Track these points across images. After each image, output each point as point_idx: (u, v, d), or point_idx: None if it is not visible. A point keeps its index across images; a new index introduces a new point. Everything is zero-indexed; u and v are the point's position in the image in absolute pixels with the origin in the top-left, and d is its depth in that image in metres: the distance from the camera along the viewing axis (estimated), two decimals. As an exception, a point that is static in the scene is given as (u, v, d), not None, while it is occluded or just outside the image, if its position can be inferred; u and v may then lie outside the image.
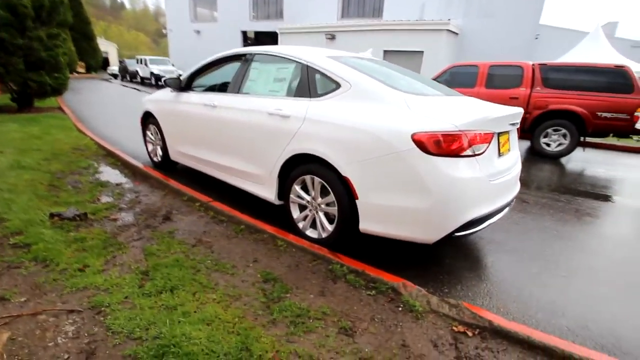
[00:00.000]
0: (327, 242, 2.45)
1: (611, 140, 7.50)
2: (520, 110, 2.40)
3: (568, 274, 2.43)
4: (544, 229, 3.19)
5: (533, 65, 6.32)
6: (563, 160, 6.28)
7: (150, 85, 19.46)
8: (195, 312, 1.71)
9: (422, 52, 12.89)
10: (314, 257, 2.28)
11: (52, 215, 2.60)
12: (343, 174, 2.21)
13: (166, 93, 3.95)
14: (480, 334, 1.70)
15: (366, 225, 2.22)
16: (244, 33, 21.07)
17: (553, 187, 4.51)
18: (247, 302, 1.83)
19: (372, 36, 13.91)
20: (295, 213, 2.65)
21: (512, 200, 2.44)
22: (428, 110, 2.10)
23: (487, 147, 2.06)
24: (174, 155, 3.95)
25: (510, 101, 6.28)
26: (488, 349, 1.62)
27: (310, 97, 2.48)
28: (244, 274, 2.09)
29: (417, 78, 2.85)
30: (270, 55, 2.90)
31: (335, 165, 2.23)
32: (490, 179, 2.11)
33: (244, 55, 3.16)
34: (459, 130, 1.93)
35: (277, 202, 2.78)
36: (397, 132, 2.00)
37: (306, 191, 2.55)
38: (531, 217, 3.42)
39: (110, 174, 3.93)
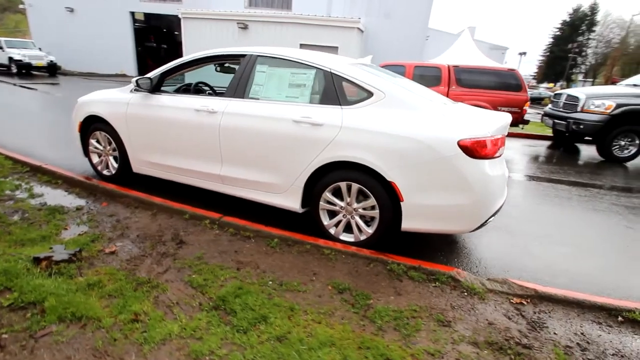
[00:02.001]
0: (366, 244, 2.56)
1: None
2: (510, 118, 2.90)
3: (539, 243, 3.09)
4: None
5: (449, 66, 7.39)
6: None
7: (8, 74, 15.43)
8: (308, 337, 1.65)
9: (337, 47, 13.50)
10: (368, 260, 2.37)
11: (37, 260, 2.03)
12: (388, 179, 2.34)
13: (123, 94, 3.37)
14: (531, 301, 2.10)
15: (409, 224, 2.42)
16: (133, 14, 18.41)
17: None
18: (343, 316, 1.84)
19: (287, 28, 13.89)
20: (326, 220, 2.67)
21: None
22: (458, 118, 2.39)
23: (503, 148, 2.48)
24: (139, 167, 3.41)
25: (434, 97, 7.23)
26: (542, 312, 2.03)
27: (341, 105, 2.51)
28: (315, 289, 2.07)
29: (416, 85, 3.13)
30: (281, 59, 2.78)
31: (380, 172, 2.35)
32: (505, 174, 2.55)
33: (241, 56, 2.94)
34: (491, 136, 2.27)
35: (300, 210, 2.74)
36: (444, 139, 2.23)
37: (338, 197, 2.59)
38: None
39: (56, 196, 3.17)
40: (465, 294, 2.13)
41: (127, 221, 2.79)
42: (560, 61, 49.24)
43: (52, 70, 16.44)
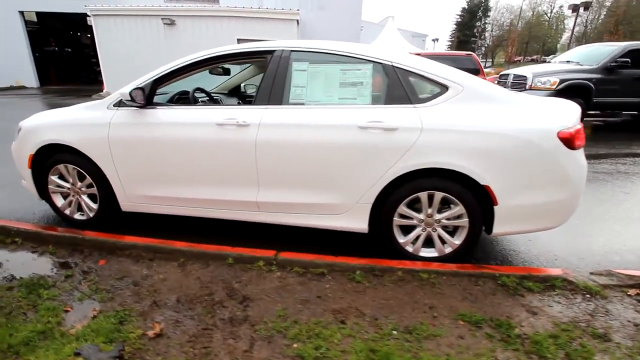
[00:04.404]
0: (452, 258, 2.28)
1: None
2: None
3: (573, 221, 3.13)
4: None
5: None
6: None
7: None
8: (506, 402, 1.30)
9: (278, 41, 12.86)
10: (472, 277, 2.09)
11: (69, 380, 1.33)
12: (482, 182, 2.07)
13: (97, 112, 2.56)
14: (646, 290, 2.04)
15: (502, 228, 2.19)
16: (23, 14, 15.31)
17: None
18: (509, 359, 1.53)
19: (220, 23, 12.82)
20: (401, 237, 2.32)
21: None
22: (544, 108, 2.21)
23: None
24: (132, 204, 2.65)
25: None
26: (662, 299, 1.97)
27: (413, 103, 2.15)
28: (448, 328, 1.72)
29: None
30: (325, 53, 2.30)
31: (473, 176, 2.06)
32: None
33: (268, 53, 2.39)
34: (580, 125, 2.13)
35: (367, 230, 2.34)
36: (544, 132, 2.02)
37: (413, 209, 2.26)
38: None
39: (25, 263, 2.27)
40: (588, 296, 1.97)
41: (150, 281, 2.09)
42: (464, 45, 54.61)
43: None
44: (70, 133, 2.56)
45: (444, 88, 2.15)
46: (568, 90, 7.20)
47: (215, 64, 2.63)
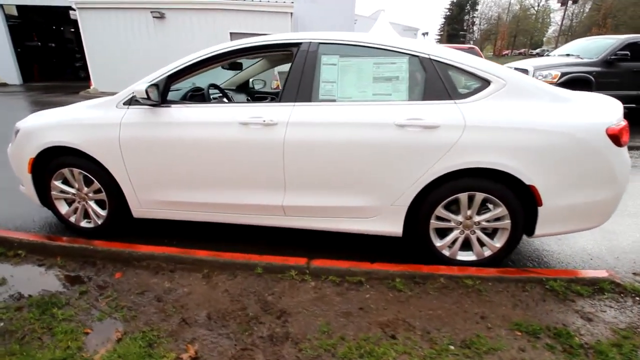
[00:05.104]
0: (492, 262, 2.18)
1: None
2: None
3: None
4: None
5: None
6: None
7: None
8: None
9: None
10: (519, 282, 1.99)
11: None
12: (527, 182, 1.96)
13: (105, 111, 2.36)
14: (694, 291, 1.97)
15: (544, 229, 2.09)
16: (3, 8, 14.58)
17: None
18: (579, 373, 1.44)
19: (213, 16, 12.45)
20: (437, 241, 2.20)
21: None
22: (585, 103, 2.11)
23: None
24: (145, 210, 2.47)
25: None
26: None
27: (453, 98, 2.02)
28: (505, 339, 1.61)
29: None
30: (356, 45, 2.14)
31: (519, 175, 1.95)
32: None
33: (293, 45, 2.22)
34: (625, 122, 2.04)
35: (401, 234, 2.22)
36: (592, 128, 1.92)
37: (450, 210, 2.14)
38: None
39: (31, 278, 2.08)
40: (637, 298, 1.90)
41: (174, 296, 1.93)
42: (453, 39, 54.88)
43: None
44: (76, 134, 2.35)
45: (486, 82, 2.03)
46: (569, 84, 7.19)
47: (234, 57, 2.44)
